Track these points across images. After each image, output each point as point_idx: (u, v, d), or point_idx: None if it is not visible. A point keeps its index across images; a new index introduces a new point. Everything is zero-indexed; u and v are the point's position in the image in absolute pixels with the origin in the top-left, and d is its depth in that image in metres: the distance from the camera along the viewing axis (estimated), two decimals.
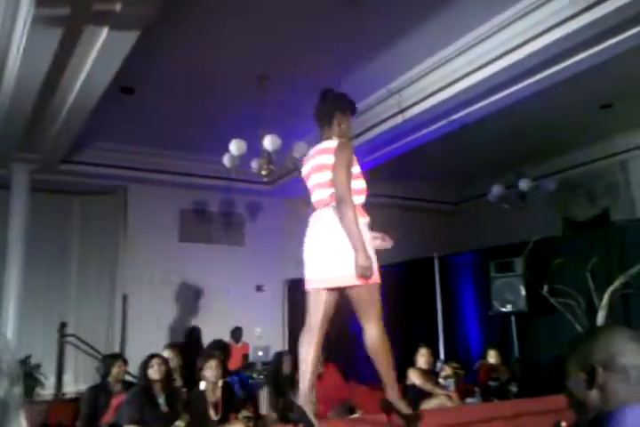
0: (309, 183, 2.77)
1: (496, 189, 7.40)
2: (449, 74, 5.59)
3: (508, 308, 6.11)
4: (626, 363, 1.18)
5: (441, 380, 5.03)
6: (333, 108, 2.77)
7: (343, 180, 2.56)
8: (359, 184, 2.68)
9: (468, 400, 5.01)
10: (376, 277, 2.56)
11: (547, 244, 6.26)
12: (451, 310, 7.03)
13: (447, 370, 5.09)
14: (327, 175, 2.62)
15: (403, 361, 5.33)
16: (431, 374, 5.10)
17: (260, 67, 5.75)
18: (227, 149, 5.65)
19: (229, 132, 5.86)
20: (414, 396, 4.81)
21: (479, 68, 5.29)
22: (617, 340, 1.22)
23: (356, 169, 2.66)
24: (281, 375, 4.62)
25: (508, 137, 7.22)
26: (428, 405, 4.60)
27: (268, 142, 5.44)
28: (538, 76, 5.29)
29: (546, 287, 5.57)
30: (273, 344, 8.00)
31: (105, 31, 4.43)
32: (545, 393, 4.00)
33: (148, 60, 5.43)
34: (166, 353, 4.86)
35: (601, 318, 5.04)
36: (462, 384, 5.19)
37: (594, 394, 1.19)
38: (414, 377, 4.93)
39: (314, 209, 2.75)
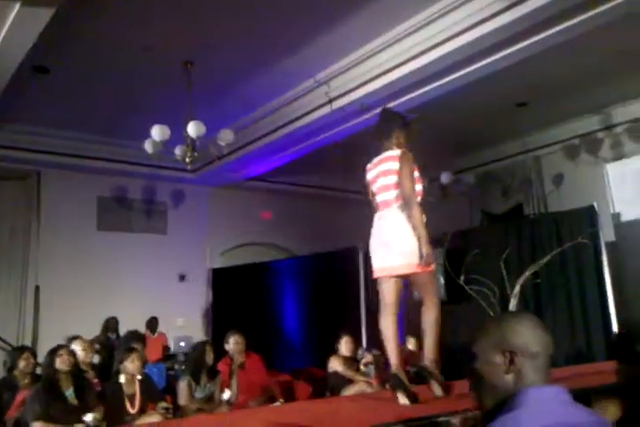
0: (375, 186, 3.24)
1: None
2: (376, 66, 5.65)
3: None
4: (539, 350, 1.23)
5: (362, 367, 5.12)
6: (393, 125, 3.25)
7: (409, 184, 3.03)
8: (418, 187, 3.11)
9: (388, 386, 5.13)
10: (433, 266, 3.06)
11: (465, 235, 6.51)
12: (374, 299, 7.16)
13: (368, 357, 5.20)
14: (392, 179, 3.09)
15: (326, 348, 5.40)
16: (353, 361, 5.18)
17: (185, 52, 5.58)
18: (149, 135, 5.47)
19: (153, 118, 5.67)
20: (336, 382, 4.88)
21: (405, 61, 5.38)
22: (529, 326, 1.26)
23: (416, 174, 3.11)
24: (202, 365, 4.55)
25: (431, 131, 7.41)
26: (348, 391, 4.68)
27: (192, 129, 5.31)
28: (459, 73, 5.45)
29: (463, 277, 5.80)
30: (195, 335, 7.89)
31: (17, 6, 4.15)
32: (459, 378, 4.17)
33: (64, 39, 5.12)
34: (75, 345, 4.69)
35: (513, 306, 5.30)
36: (383, 371, 5.30)
37: (509, 378, 1.23)
38: (336, 364, 5.00)
39: (377, 208, 3.20)
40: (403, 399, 2.85)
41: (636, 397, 1.55)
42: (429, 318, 3.07)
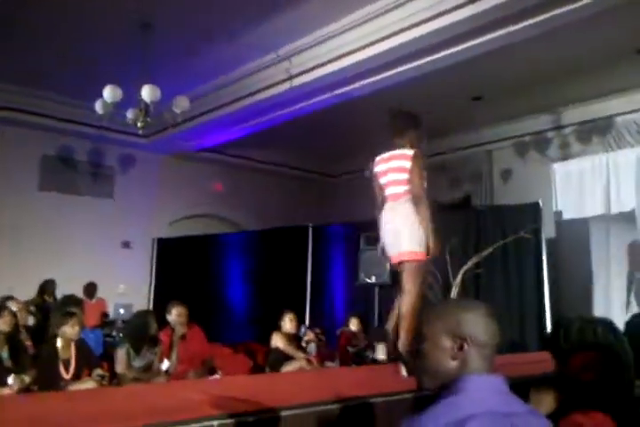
0: (384, 180, 3.40)
1: (372, 166, 7.64)
2: (339, 47, 5.61)
3: (373, 279, 6.41)
4: (487, 340, 1.26)
5: (303, 344, 5.19)
6: (406, 126, 3.55)
7: (421, 182, 3.27)
8: (425, 185, 3.34)
9: (328, 364, 5.24)
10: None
11: None
12: (320, 278, 7.24)
13: (310, 335, 5.26)
14: (404, 175, 3.30)
15: (269, 324, 5.43)
16: (295, 338, 5.24)
17: (144, 14, 5.38)
18: (101, 95, 5.27)
19: (107, 79, 5.44)
20: (276, 358, 4.92)
21: (368, 44, 5.37)
22: (482, 316, 1.28)
23: (424, 173, 3.34)
24: (144, 335, 4.48)
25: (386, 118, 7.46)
26: (288, 367, 4.73)
27: (146, 92, 5.14)
28: (421, 61, 5.50)
29: None
30: (136, 303, 7.75)
31: None
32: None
33: None
34: (8, 305, 4.53)
35: (454, 294, 5.47)
36: (323, 349, 5.40)
37: (453, 364, 1.25)
38: (277, 341, 5.04)
39: (385, 199, 3.41)
40: (403, 372, 3.11)
41: (569, 389, 1.61)
42: (407, 304, 3.22)
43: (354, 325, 5.87)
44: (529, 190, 7.01)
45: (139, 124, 5.50)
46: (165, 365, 4.49)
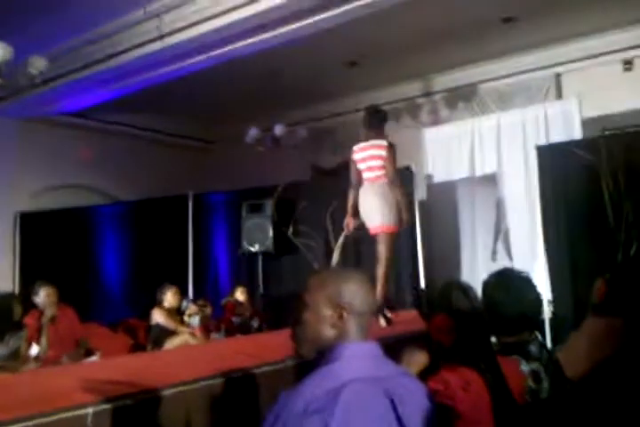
0: (363, 166, 4.24)
1: (253, 132, 7.51)
2: (212, 6, 5.33)
3: (257, 248, 6.39)
4: (365, 309, 1.30)
5: (186, 318, 5.08)
6: (383, 121, 4.52)
7: (394, 168, 4.15)
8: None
9: (213, 336, 5.18)
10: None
11: (295, 188, 6.66)
12: (203, 249, 7.08)
13: (193, 308, 5.16)
14: (379, 162, 4.14)
15: (150, 299, 5.23)
16: (177, 312, 5.11)
17: None
18: None
19: None
20: (158, 335, 4.79)
21: (243, 4, 5.15)
22: (362, 286, 1.31)
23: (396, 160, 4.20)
24: (6, 321, 4.13)
25: (268, 81, 7.33)
26: (171, 343, 4.62)
27: None
28: (296, 24, 5.37)
29: (291, 229, 5.95)
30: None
31: None
32: (283, 324, 4.33)
33: None
34: None
35: (335, 257, 5.60)
36: (208, 321, 5.32)
37: (332, 332, 1.28)
38: (158, 316, 4.90)
39: (362, 181, 4.26)
40: (382, 322, 3.55)
41: (434, 348, 1.69)
42: (383, 266, 3.98)
43: (240, 294, 5.84)
44: (403, 155, 7.18)
45: None
46: (34, 350, 4.19)
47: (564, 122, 5.82)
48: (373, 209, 4.04)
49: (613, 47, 6.39)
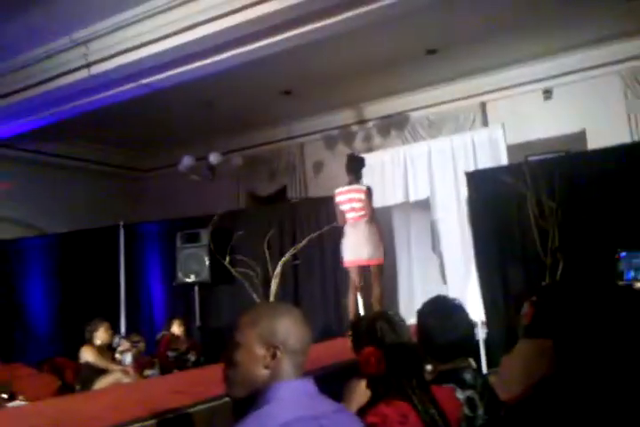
0: (346, 206, 4.92)
1: (187, 160, 7.40)
2: (140, 34, 5.27)
3: (192, 278, 6.23)
4: (300, 347, 1.25)
5: (117, 355, 4.83)
6: (359, 166, 5.16)
7: (372, 209, 4.89)
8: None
9: (147, 373, 4.95)
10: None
11: (231, 216, 6.58)
12: (135, 282, 6.83)
13: (125, 344, 4.93)
14: (360, 204, 4.84)
15: (80, 335, 4.95)
16: (108, 349, 4.86)
17: None
18: None
19: None
20: (88, 374, 4.53)
21: (167, 35, 5.12)
22: (296, 323, 1.27)
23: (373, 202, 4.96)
24: None
25: (202, 109, 7.29)
26: (102, 382, 4.38)
27: None
28: (223, 55, 5.39)
29: (228, 258, 5.85)
30: None
31: None
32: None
33: None
34: None
35: (274, 286, 5.54)
36: (142, 357, 5.09)
37: (265, 372, 1.23)
38: (87, 354, 4.64)
39: (346, 221, 4.96)
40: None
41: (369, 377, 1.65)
42: (376, 294, 4.66)
43: (177, 327, 5.64)
44: (339, 182, 7.34)
45: None
46: None
47: (490, 148, 6.06)
48: (360, 245, 4.73)
49: (533, 77, 6.79)
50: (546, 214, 4.40)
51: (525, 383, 2.30)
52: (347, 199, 4.91)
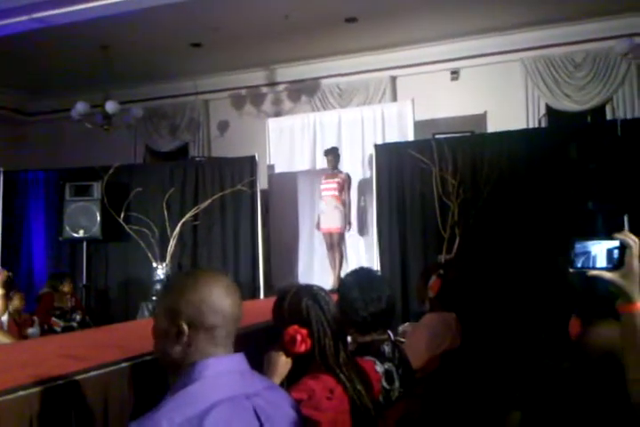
0: (324, 186, 5.88)
1: (80, 106, 6.80)
2: None
3: (81, 233, 5.84)
4: (218, 321, 1.13)
5: None
6: (337, 154, 6.01)
7: (347, 192, 5.86)
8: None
9: (29, 331, 4.59)
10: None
11: (128, 171, 6.21)
12: (14, 234, 6.28)
13: None
14: (334, 185, 5.80)
15: None
16: None
17: None
18: None
19: None
20: None
21: None
22: (209, 294, 1.13)
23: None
24: None
25: (100, 53, 6.70)
26: None
27: None
28: None
29: (123, 215, 5.54)
30: None
31: None
32: (110, 321, 3.98)
33: None
34: None
35: (172, 246, 5.34)
36: (21, 315, 4.71)
37: (178, 349, 1.12)
38: None
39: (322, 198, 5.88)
40: None
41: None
42: (337, 257, 5.74)
43: (66, 284, 5.25)
44: (245, 143, 7.17)
45: None
46: None
47: (398, 123, 6.16)
48: (330, 216, 5.72)
49: (442, 57, 6.94)
50: (448, 191, 4.57)
51: (431, 354, 2.42)
52: (327, 182, 5.94)
